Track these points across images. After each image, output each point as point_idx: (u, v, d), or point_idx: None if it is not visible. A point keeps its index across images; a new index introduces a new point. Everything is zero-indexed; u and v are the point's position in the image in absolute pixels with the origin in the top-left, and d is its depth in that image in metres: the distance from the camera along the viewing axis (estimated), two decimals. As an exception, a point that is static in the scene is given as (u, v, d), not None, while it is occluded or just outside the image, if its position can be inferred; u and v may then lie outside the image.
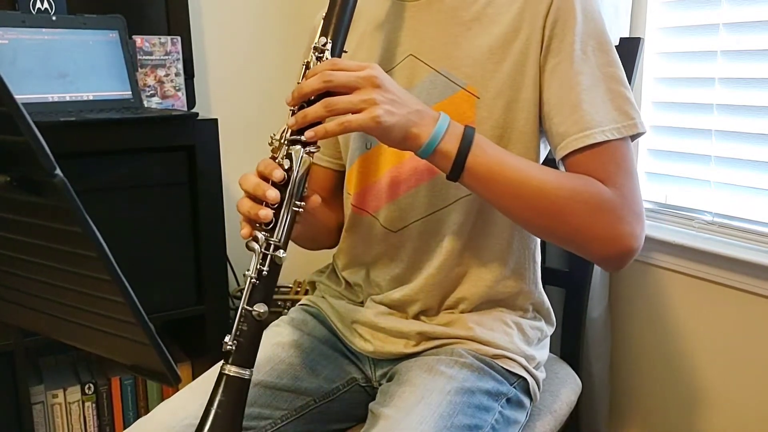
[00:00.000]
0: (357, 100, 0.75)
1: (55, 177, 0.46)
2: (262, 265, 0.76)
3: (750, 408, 1.27)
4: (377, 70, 0.77)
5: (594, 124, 0.83)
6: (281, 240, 0.77)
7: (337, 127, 0.75)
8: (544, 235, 0.91)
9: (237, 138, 1.83)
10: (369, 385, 1.00)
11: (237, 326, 0.76)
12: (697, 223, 1.34)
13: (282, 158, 0.78)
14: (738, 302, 1.25)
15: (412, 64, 0.92)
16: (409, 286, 0.95)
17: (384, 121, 0.75)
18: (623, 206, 0.82)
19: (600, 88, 0.85)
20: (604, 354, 1.47)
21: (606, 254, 0.84)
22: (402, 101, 0.77)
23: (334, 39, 0.81)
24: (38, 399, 1.46)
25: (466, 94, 0.89)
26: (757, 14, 1.21)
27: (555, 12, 0.85)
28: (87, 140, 1.31)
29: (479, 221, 0.93)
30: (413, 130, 0.78)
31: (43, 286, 0.56)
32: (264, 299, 0.76)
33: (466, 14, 0.90)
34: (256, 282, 0.76)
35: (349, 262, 1.03)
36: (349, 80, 0.75)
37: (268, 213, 0.76)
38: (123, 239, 1.37)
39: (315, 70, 0.77)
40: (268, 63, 1.91)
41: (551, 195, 0.81)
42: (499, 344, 0.93)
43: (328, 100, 0.75)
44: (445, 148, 0.79)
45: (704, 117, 1.31)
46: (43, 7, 1.44)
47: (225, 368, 0.75)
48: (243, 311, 0.76)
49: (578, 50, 0.85)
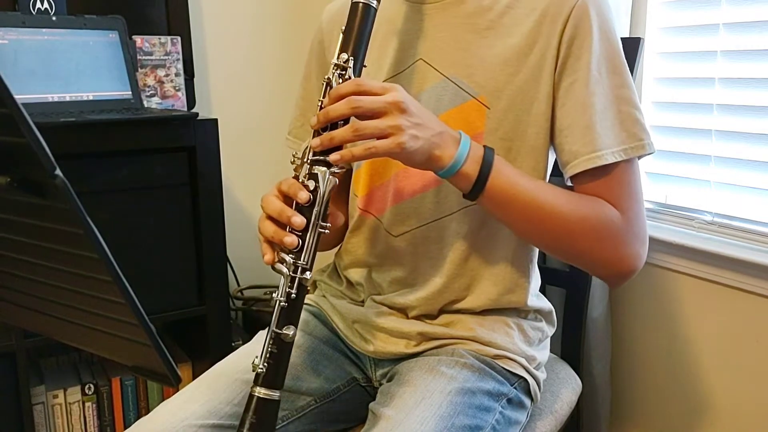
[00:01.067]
0: (384, 126, 0.75)
1: (55, 178, 0.46)
2: (291, 288, 0.77)
3: (751, 408, 1.27)
4: (402, 93, 0.77)
5: (604, 146, 0.85)
6: (308, 262, 0.77)
7: (364, 152, 0.76)
8: (549, 252, 0.95)
9: (237, 138, 1.83)
10: (369, 385, 1.00)
11: (266, 348, 0.77)
12: (697, 223, 1.34)
13: (305, 178, 0.78)
14: (738, 302, 1.25)
15: (423, 69, 0.92)
16: (410, 292, 0.95)
17: (409, 147, 0.75)
18: (628, 231, 0.86)
19: (611, 110, 0.86)
20: (605, 354, 1.47)
21: (608, 274, 0.90)
22: (425, 124, 0.78)
23: (355, 55, 0.80)
24: (39, 399, 1.46)
25: (476, 103, 0.89)
26: (757, 14, 1.21)
27: (572, 29, 0.85)
28: (87, 141, 1.31)
29: (483, 231, 0.92)
30: (436, 152, 0.79)
31: (44, 287, 0.56)
32: (292, 321, 0.77)
33: (482, 22, 0.89)
34: (285, 305, 0.77)
35: (351, 263, 1.03)
36: (376, 106, 0.75)
37: (295, 240, 0.76)
38: (123, 240, 1.37)
39: (340, 91, 0.76)
40: (268, 63, 1.91)
41: (562, 219, 0.84)
42: (499, 345, 0.93)
43: (356, 124, 0.75)
44: (466, 171, 0.80)
45: (704, 117, 1.31)
46: (43, 7, 1.44)
47: (255, 390, 0.76)
48: (272, 334, 0.77)
49: (594, 71, 0.85)
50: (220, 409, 0.88)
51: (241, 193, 1.90)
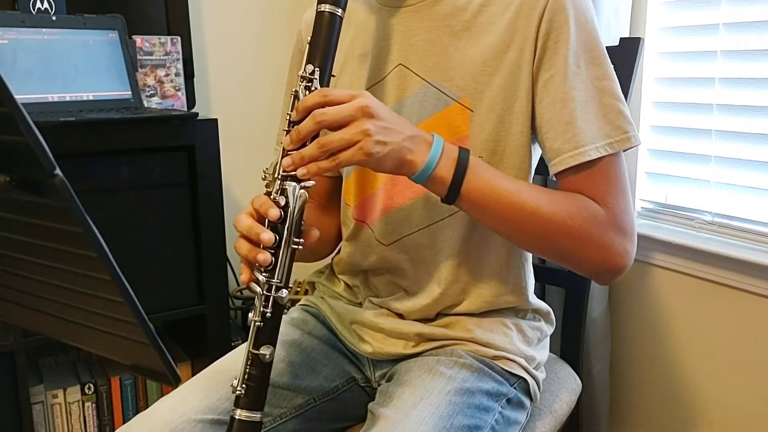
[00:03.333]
0: (349, 136, 0.73)
1: (55, 177, 0.46)
2: (266, 308, 0.76)
3: (750, 408, 1.27)
4: (368, 98, 0.76)
5: (587, 141, 0.83)
6: (282, 280, 0.76)
7: (330, 163, 0.74)
8: (536, 253, 0.92)
9: (237, 138, 1.83)
10: (368, 385, 1.00)
11: (244, 370, 0.76)
12: (697, 223, 1.34)
13: (276, 194, 0.77)
14: (738, 302, 1.25)
15: (403, 74, 0.91)
16: (407, 298, 0.95)
17: (375, 152, 0.74)
18: (614, 227, 0.83)
19: (593, 103, 0.84)
20: (604, 354, 1.47)
21: (596, 272, 0.87)
22: (395, 129, 0.76)
23: (322, 66, 0.78)
24: (38, 399, 1.46)
25: (459, 107, 0.88)
26: (757, 14, 1.21)
27: (548, 23, 0.83)
28: (87, 140, 1.31)
29: (475, 236, 0.92)
30: (408, 156, 0.77)
31: (43, 286, 0.56)
32: (269, 341, 0.76)
33: (457, 23, 0.88)
34: (260, 325, 0.76)
35: (345, 270, 1.03)
36: (342, 115, 0.74)
37: (267, 257, 0.75)
38: (123, 239, 1.37)
39: (306, 104, 0.75)
40: (268, 63, 1.91)
41: (544, 219, 0.82)
42: (498, 345, 0.93)
43: (321, 140, 0.74)
44: (439, 174, 0.78)
45: (704, 117, 1.31)
46: (43, 7, 1.44)
47: (236, 413, 0.76)
48: (250, 355, 0.76)
49: (572, 64, 0.83)
50: (219, 405, 0.87)
51: (241, 193, 1.89)
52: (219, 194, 1.47)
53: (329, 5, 0.79)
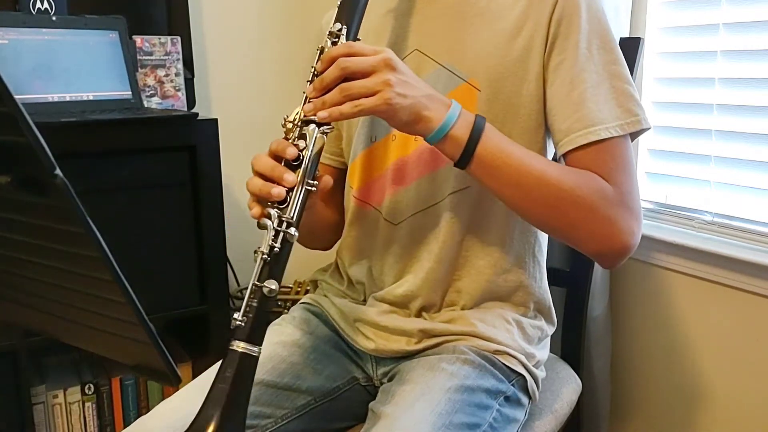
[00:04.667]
0: (371, 84, 0.76)
1: (55, 177, 0.46)
2: (275, 242, 0.75)
3: (751, 407, 1.27)
4: (391, 53, 0.78)
5: (598, 121, 0.84)
6: (293, 217, 0.76)
7: (352, 109, 0.76)
8: (541, 225, 0.92)
9: (237, 138, 1.83)
10: (370, 384, 1.00)
11: (247, 302, 0.74)
12: (697, 223, 1.34)
13: (295, 139, 0.78)
14: (738, 302, 1.25)
15: (419, 59, 0.94)
16: (410, 280, 0.96)
17: (396, 103, 0.76)
18: (621, 203, 0.84)
19: (604, 85, 0.86)
20: (605, 353, 1.47)
21: (601, 250, 0.86)
22: (415, 84, 0.79)
23: (349, 25, 0.82)
24: (39, 399, 1.46)
25: (467, 86, 0.90)
26: (757, 14, 1.21)
27: (560, 10, 0.86)
28: (87, 140, 1.31)
29: (477, 213, 0.93)
30: (425, 113, 0.79)
31: (44, 286, 0.56)
32: (274, 276, 0.75)
33: (471, 10, 0.91)
34: (267, 258, 0.75)
35: (353, 257, 1.03)
36: (365, 65, 0.76)
37: (281, 191, 0.76)
38: (124, 239, 1.37)
39: (331, 54, 0.78)
40: (268, 63, 1.91)
41: (552, 187, 0.83)
42: (500, 340, 0.93)
43: (344, 85, 0.76)
44: (456, 134, 0.80)
45: (704, 117, 1.31)
46: (43, 7, 1.44)
47: (233, 344, 0.72)
48: (253, 287, 0.74)
49: (583, 48, 0.86)
50: (220, 408, 0.87)
51: (241, 193, 1.89)
52: (219, 194, 1.47)
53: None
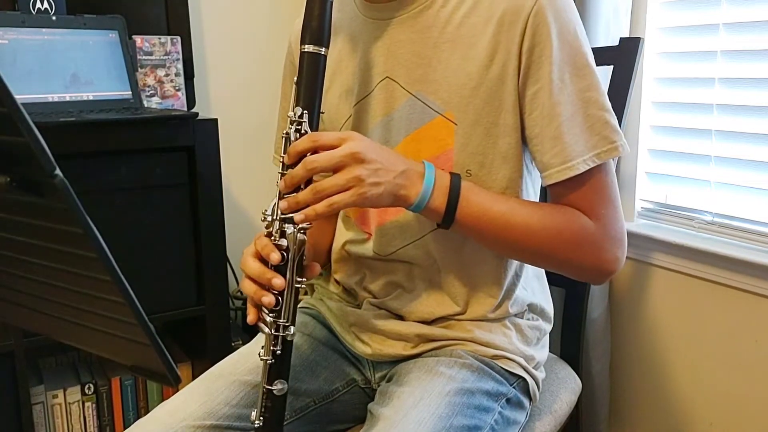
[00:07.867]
0: (342, 182, 0.76)
1: (55, 177, 0.46)
2: (275, 346, 0.79)
3: (750, 408, 1.27)
4: (357, 142, 0.77)
5: (575, 155, 0.84)
6: (288, 319, 0.80)
7: (327, 207, 0.76)
8: (528, 263, 0.96)
9: (237, 138, 1.83)
10: (368, 386, 1.00)
11: (261, 404, 0.81)
12: (697, 223, 1.34)
13: (277, 234, 0.79)
14: (738, 302, 1.25)
15: (390, 88, 0.91)
16: (404, 295, 0.95)
17: (370, 195, 0.77)
18: (604, 237, 0.87)
19: (579, 115, 0.84)
20: (605, 354, 1.47)
21: (588, 277, 0.97)
22: (386, 167, 0.78)
23: (310, 107, 0.80)
24: (38, 399, 1.46)
25: (443, 120, 0.88)
26: (757, 14, 1.21)
27: (530, 38, 0.83)
28: (87, 141, 1.31)
29: (468, 246, 0.92)
30: (401, 192, 0.80)
31: (43, 286, 0.56)
32: (281, 375, 0.80)
33: (440, 36, 0.87)
34: (272, 362, 0.80)
35: (347, 270, 1.03)
36: (333, 162, 0.76)
37: (272, 299, 0.78)
38: (123, 240, 1.37)
39: (297, 149, 0.77)
40: (268, 63, 1.91)
41: (536, 236, 0.85)
42: (498, 345, 0.93)
43: (316, 186, 0.76)
44: (434, 205, 0.82)
45: (704, 117, 1.31)
46: (43, 7, 1.44)
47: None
48: (264, 390, 0.80)
49: (556, 80, 0.83)
50: (218, 409, 0.88)
51: (241, 193, 1.89)
52: (219, 194, 1.47)
53: (312, 45, 0.80)
